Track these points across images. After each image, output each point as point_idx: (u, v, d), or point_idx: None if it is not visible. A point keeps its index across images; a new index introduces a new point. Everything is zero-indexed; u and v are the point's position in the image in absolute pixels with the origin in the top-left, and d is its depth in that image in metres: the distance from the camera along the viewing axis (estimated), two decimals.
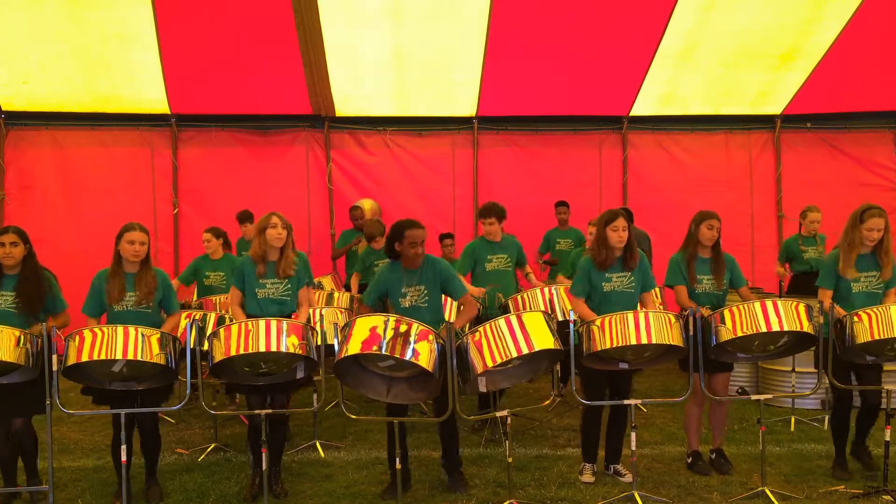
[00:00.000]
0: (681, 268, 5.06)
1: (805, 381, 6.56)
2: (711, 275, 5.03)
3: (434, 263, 4.86)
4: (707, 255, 5.07)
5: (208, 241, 7.10)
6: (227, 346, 4.37)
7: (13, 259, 4.52)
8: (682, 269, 5.05)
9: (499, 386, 4.85)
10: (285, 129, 9.67)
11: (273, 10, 7.69)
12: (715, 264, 5.04)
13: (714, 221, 5.00)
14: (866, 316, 4.57)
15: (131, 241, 4.57)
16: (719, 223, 5.02)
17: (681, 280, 5.05)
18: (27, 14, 7.66)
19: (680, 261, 5.08)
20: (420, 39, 8.27)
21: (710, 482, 4.94)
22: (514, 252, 6.42)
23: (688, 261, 5.05)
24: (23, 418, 4.60)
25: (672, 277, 5.10)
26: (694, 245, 5.06)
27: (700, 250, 5.05)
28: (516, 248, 6.46)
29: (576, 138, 9.88)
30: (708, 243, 5.03)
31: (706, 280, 5.03)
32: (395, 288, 4.81)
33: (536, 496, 4.75)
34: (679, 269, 5.06)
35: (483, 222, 6.34)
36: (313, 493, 4.89)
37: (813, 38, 8.40)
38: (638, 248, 4.97)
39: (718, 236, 5.03)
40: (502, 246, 6.36)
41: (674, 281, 5.09)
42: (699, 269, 5.03)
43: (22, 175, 9.25)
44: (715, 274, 5.03)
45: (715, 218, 5.02)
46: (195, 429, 6.42)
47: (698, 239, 5.03)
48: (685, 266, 5.04)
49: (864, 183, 9.74)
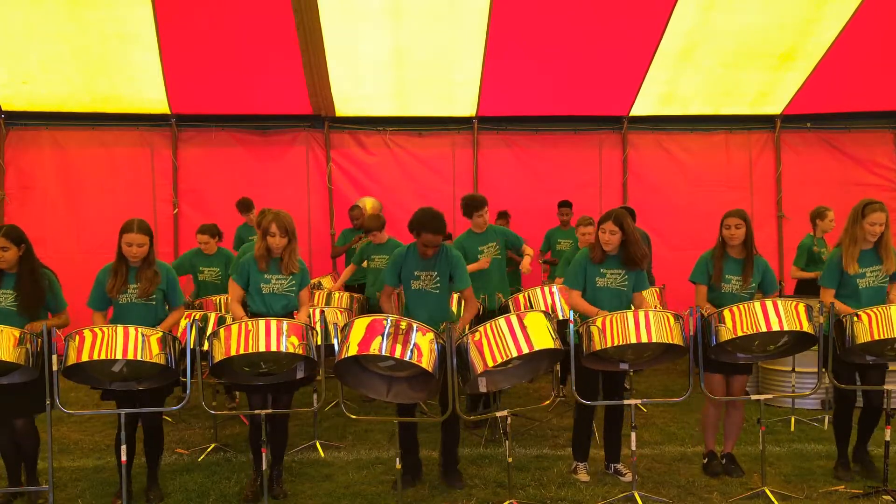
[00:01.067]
0: (707, 266, 5.01)
1: (805, 381, 6.56)
2: (740, 276, 4.95)
3: (448, 252, 5.04)
4: (737, 255, 4.98)
5: (205, 243, 7.13)
6: (227, 346, 4.37)
7: (6, 263, 4.53)
8: (708, 268, 5.00)
9: (499, 386, 4.84)
10: (285, 129, 9.68)
11: (273, 10, 7.69)
12: (745, 266, 4.94)
13: (732, 220, 4.93)
14: (866, 316, 4.57)
15: (129, 244, 4.57)
16: (739, 220, 4.91)
17: (704, 279, 5.00)
18: (27, 14, 7.67)
19: (708, 259, 5.03)
20: (420, 39, 8.27)
21: (711, 482, 4.94)
22: (501, 239, 6.54)
23: (715, 260, 4.99)
24: (25, 419, 4.59)
25: (696, 274, 5.06)
26: (721, 244, 5.01)
27: (729, 250, 4.99)
28: (502, 233, 6.62)
29: (576, 138, 9.89)
30: (731, 242, 4.95)
31: (734, 280, 4.95)
32: (409, 268, 4.98)
33: (536, 496, 4.75)
34: (706, 267, 5.01)
35: (475, 215, 6.42)
36: (313, 493, 4.89)
37: (813, 38, 8.40)
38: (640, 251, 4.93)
39: (747, 236, 4.93)
40: (489, 235, 6.49)
41: (697, 278, 5.05)
42: (728, 269, 4.96)
43: (22, 175, 9.25)
44: (743, 275, 4.93)
45: (735, 216, 4.94)
46: (195, 429, 6.42)
47: (723, 238, 4.99)
48: (712, 265, 4.99)
49: (864, 183, 9.74)
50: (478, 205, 6.42)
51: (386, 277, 5.15)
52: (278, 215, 4.77)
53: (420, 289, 4.97)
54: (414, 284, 4.98)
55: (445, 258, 5.01)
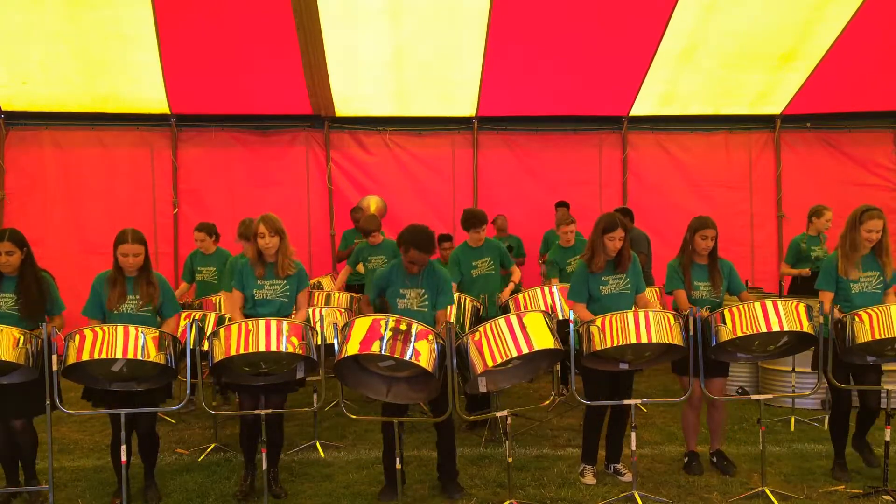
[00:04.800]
0: (678, 273, 5.03)
1: (805, 381, 6.55)
2: (708, 282, 5.01)
3: (435, 269, 4.86)
4: (704, 261, 5.03)
5: (202, 241, 7.14)
6: (227, 346, 4.37)
7: (10, 267, 4.51)
8: (679, 275, 5.03)
9: (499, 386, 4.84)
10: (285, 129, 9.68)
11: (273, 10, 7.69)
12: (711, 271, 5.01)
13: (708, 231, 4.94)
14: (867, 316, 4.57)
15: (125, 255, 4.53)
16: (715, 232, 4.95)
17: (679, 285, 5.02)
18: (27, 14, 7.67)
19: (677, 267, 5.06)
20: (420, 39, 8.27)
21: (711, 482, 4.94)
22: (496, 255, 6.44)
23: (684, 267, 5.02)
24: (23, 419, 4.59)
25: (670, 283, 5.07)
26: (689, 252, 5.03)
27: (696, 257, 5.03)
28: (498, 250, 6.49)
29: (576, 138, 9.89)
30: (703, 252, 4.99)
31: (703, 287, 5.00)
32: (394, 286, 4.80)
33: (536, 496, 4.75)
34: (677, 274, 5.04)
35: (472, 231, 6.32)
36: (313, 493, 4.89)
37: (813, 39, 8.41)
38: (630, 250, 4.96)
39: (714, 244, 4.98)
40: (484, 250, 6.40)
41: (672, 286, 5.06)
42: (696, 276, 5.01)
43: (22, 175, 9.25)
44: (711, 281, 4.99)
45: (709, 227, 4.94)
46: (195, 429, 6.42)
47: (693, 247, 5.00)
48: (682, 272, 5.02)
49: (863, 183, 9.75)
50: (476, 222, 6.31)
51: (369, 291, 5.06)
52: (265, 217, 4.70)
53: (407, 308, 4.75)
54: (400, 304, 4.76)
55: (433, 274, 4.83)
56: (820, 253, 7.37)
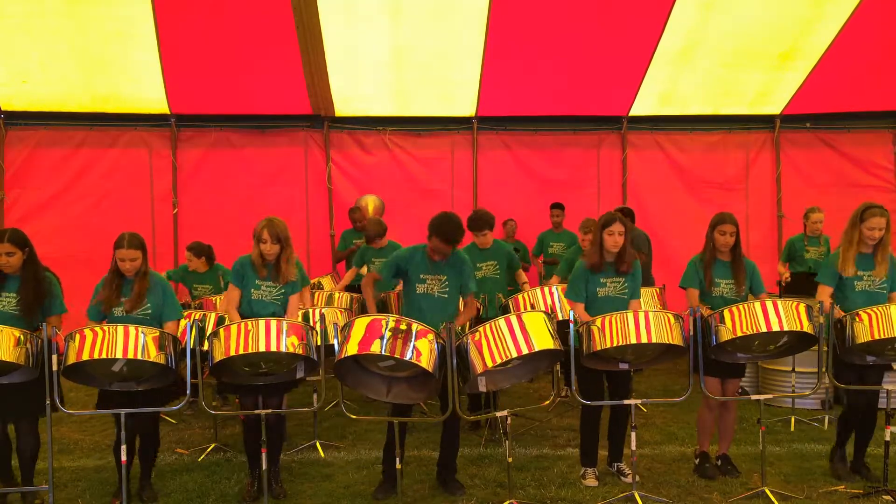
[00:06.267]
0: (698, 270, 4.98)
1: (805, 381, 6.56)
2: (731, 279, 4.94)
3: (459, 256, 4.95)
4: (726, 258, 4.97)
5: (189, 261, 7.14)
6: (227, 346, 4.36)
7: (11, 268, 4.50)
8: (698, 272, 4.98)
9: (499, 386, 4.85)
10: (285, 129, 9.66)
11: (273, 10, 7.69)
12: (735, 269, 4.94)
13: (727, 227, 4.89)
14: (867, 316, 4.57)
15: (122, 259, 4.54)
16: (734, 228, 4.89)
17: (696, 283, 4.97)
18: (27, 13, 7.65)
19: (697, 263, 5.01)
20: (420, 39, 8.27)
21: (710, 482, 4.94)
22: (503, 258, 6.37)
23: (705, 264, 4.96)
24: (27, 420, 4.57)
25: (687, 279, 5.02)
26: (711, 249, 4.98)
27: (718, 254, 4.97)
28: (505, 253, 6.42)
29: (575, 138, 9.89)
30: (723, 248, 4.94)
31: (724, 284, 4.93)
32: (416, 271, 4.88)
33: (536, 496, 4.75)
34: (696, 271, 4.99)
35: (476, 235, 6.28)
36: (313, 493, 4.89)
37: (812, 38, 8.40)
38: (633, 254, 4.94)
39: (737, 241, 4.92)
40: (491, 253, 6.34)
41: (688, 283, 5.01)
42: (718, 273, 4.94)
43: (22, 175, 9.23)
44: (735, 279, 4.93)
45: (728, 223, 4.90)
46: (195, 429, 6.42)
47: (714, 243, 4.96)
48: (702, 269, 4.97)
49: (862, 183, 9.74)
50: (480, 225, 6.24)
51: (382, 270, 5.08)
52: (271, 222, 4.72)
53: (425, 292, 4.88)
54: (419, 288, 4.88)
55: (456, 262, 4.92)
56: (815, 254, 7.39)
